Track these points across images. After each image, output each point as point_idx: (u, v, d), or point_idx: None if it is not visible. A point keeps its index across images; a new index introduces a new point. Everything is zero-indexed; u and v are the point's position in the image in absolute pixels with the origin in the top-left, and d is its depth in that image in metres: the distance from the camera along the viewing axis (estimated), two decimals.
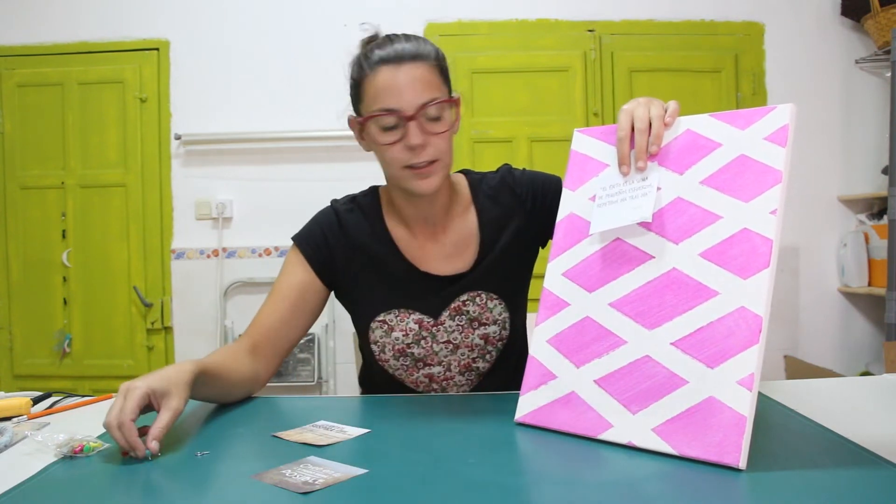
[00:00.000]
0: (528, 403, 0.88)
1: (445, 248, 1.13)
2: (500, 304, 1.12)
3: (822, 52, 2.91)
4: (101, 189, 2.89)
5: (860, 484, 0.64)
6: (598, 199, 0.91)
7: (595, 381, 0.83)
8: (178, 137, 2.86)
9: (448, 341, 1.11)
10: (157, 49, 2.88)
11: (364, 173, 2.81)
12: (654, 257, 0.83)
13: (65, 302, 2.89)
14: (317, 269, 1.12)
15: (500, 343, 1.13)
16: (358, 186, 1.22)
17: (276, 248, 2.90)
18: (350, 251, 1.12)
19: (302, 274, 1.12)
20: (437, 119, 1.01)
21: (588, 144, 0.96)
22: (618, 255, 0.86)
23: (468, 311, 1.11)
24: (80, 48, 2.88)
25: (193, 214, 2.90)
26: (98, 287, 2.89)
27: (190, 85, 2.89)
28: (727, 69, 2.89)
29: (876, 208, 2.86)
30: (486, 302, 1.11)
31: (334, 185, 2.85)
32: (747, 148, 0.81)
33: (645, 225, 0.85)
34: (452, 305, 1.11)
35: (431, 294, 1.11)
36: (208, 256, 2.90)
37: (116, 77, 2.88)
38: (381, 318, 1.11)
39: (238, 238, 2.90)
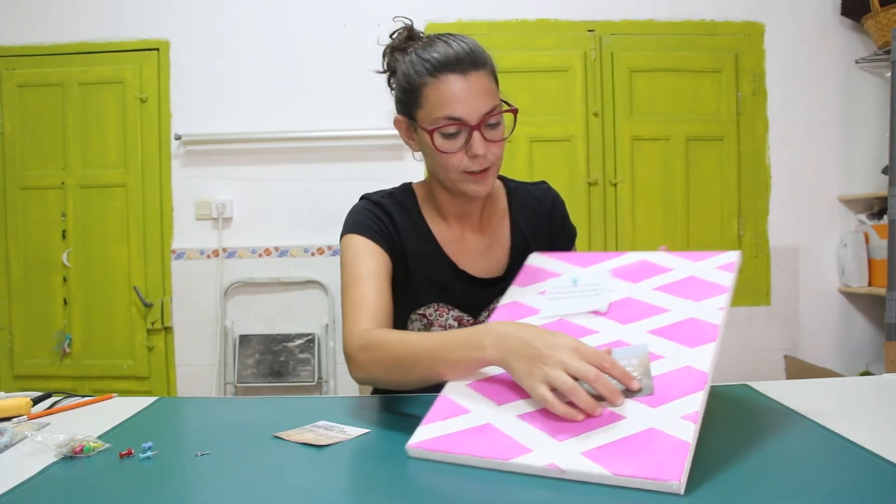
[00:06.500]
0: (429, 432, 0.76)
1: (481, 244, 1.17)
2: None
3: (822, 52, 2.91)
4: (101, 189, 2.89)
5: (860, 484, 0.64)
6: (549, 294, 0.94)
7: (518, 416, 0.75)
8: (178, 137, 2.86)
9: None
10: (157, 49, 2.88)
11: (365, 173, 2.83)
12: (598, 332, 0.84)
13: (65, 302, 2.89)
14: (387, 249, 1.10)
15: None
16: (358, 186, 1.23)
17: (276, 249, 2.90)
18: (397, 240, 1.13)
19: (378, 254, 1.08)
20: (496, 127, 1.04)
21: (543, 261, 1.04)
22: (559, 328, 0.86)
23: None
24: (80, 48, 2.87)
25: (193, 214, 2.90)
26: (98, 287, 2.89)
27: (190, 85, 2.89)
28: (727, 69, 2.89)
29: (876, 208, 2.86)
30: None
31: (335, 186, 2.88)
32: (698, 272, 0.91)
33: (593, 312, 0.88)
34: (491, 307, 1.14)
35: (470, 294, 1.14)
36: (208, 256, 2.90)
37: (116, 77, 2.88)
38: (421, 311, 1.13)
39: (238, 238, 2.90)
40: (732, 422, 0.85)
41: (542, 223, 1.22)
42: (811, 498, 0.61)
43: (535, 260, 1.05)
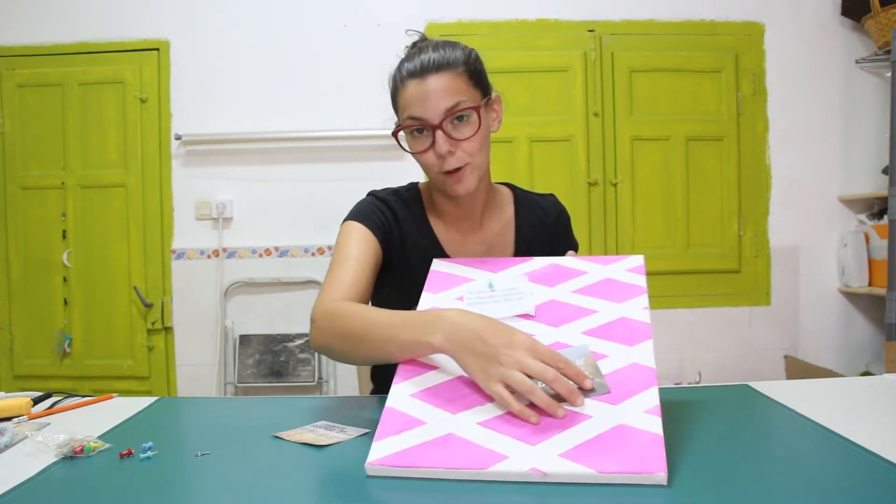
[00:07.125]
0: (386, 448, 0.71)
1: (481, 247, 1.18)
2: None
3: (822, 52, 2.91)
4: (101, 189, 2.89)
5: (860, 484, 0.64)
6: (468, 299, 0.92)
7: (479, 423, 0.72)
8: (178, 137, 2.86)
9: None
10: (157, 49, 2.88)
11: (365, 173, 2.83)
12: (533, 335, 0.80)
13: (65, 302, 2.89)
14: (381, 240, 1.12)
15: None
16: (358, 186, 1.23)
17: (276, 249, 2.90)
18: (399, 236, 1.15)
19: (370, 241, 1.10)
20: (463, 125, 1.04)
21: (449, 267, 1.02)
22: None
23: None
24: (80, 48, 2.87)
25: (193, 214, 2.90)
26: (98, 287, 2.89)
27: (190, 85, 2.89)
28: (727, 69, 2.89)
29: (876, 208, 2.86)
30: None
31: (335, 186, 2.87)
32: (611, 274, 0.92)
33: (521, 315, 0.87)
34: None
35: None
36: (208, 256, 2.90)
37: (116, 77, 2.88)
38: (420, 308, 1.13)
39: (238, 238, 2.90)
40: (732, 422, 0.85)
41: (545, 234, 1.23)
42: (811, 498, 0.61)
43: (440, 266, 1.02)
